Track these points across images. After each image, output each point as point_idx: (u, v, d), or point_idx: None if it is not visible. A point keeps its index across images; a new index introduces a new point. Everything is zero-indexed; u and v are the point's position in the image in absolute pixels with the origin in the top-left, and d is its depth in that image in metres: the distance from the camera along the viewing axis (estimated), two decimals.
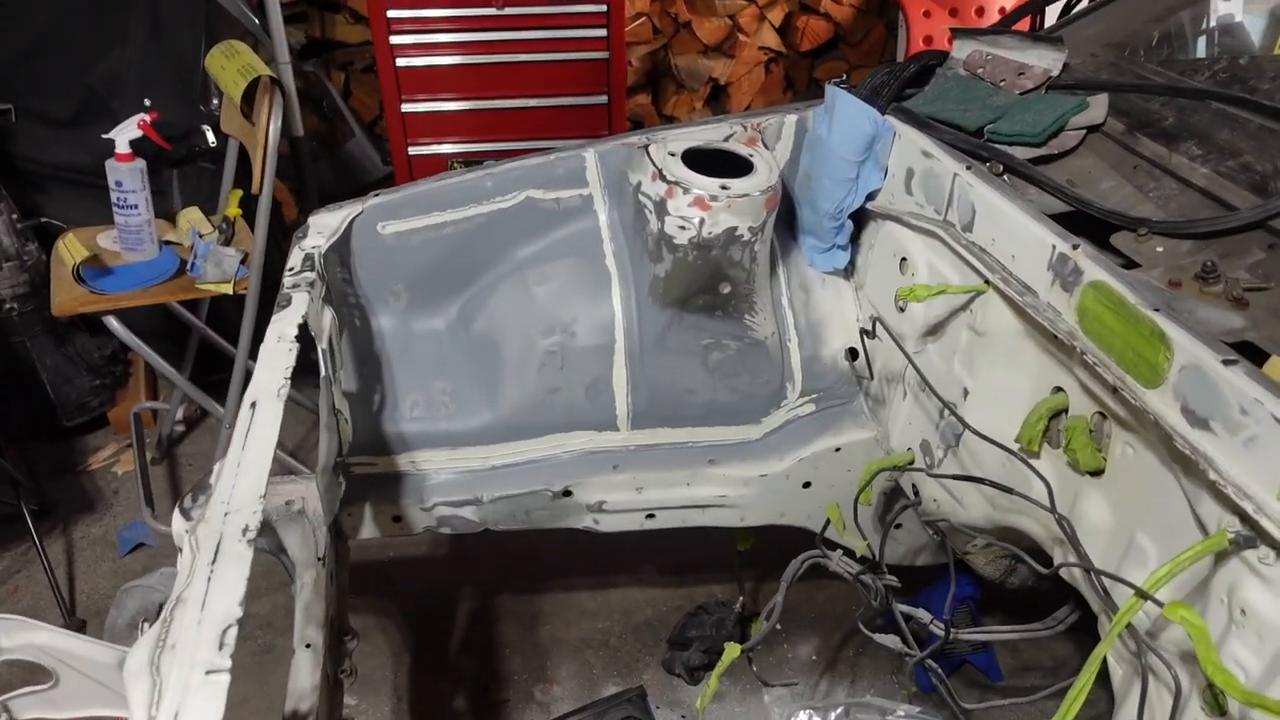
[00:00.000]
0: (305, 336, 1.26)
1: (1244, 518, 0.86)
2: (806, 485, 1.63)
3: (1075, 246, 1.06)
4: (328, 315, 1.41)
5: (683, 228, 1.42)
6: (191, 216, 2.16)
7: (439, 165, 2.75)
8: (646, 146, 1.49)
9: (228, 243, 2.12)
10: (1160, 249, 1.08)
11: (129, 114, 2.14)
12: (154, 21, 2.43)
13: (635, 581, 2.28)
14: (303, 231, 1.49)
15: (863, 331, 1.47)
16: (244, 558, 0.87)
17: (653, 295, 1.51)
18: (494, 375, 1.58)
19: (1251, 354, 0.90)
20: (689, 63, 3.23)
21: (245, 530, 0.90)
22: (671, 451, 1.61)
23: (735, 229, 1.43)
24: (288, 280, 1.36)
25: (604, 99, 2.70)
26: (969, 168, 1.29)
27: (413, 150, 2.70)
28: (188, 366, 2.51)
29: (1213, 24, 1.59)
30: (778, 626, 2.13)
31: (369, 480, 1.58)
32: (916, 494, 1.49)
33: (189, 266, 2.03)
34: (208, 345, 2.41)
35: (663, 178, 1.43)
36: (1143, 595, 0.86)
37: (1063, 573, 1.20)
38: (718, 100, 3.42)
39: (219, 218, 2.22)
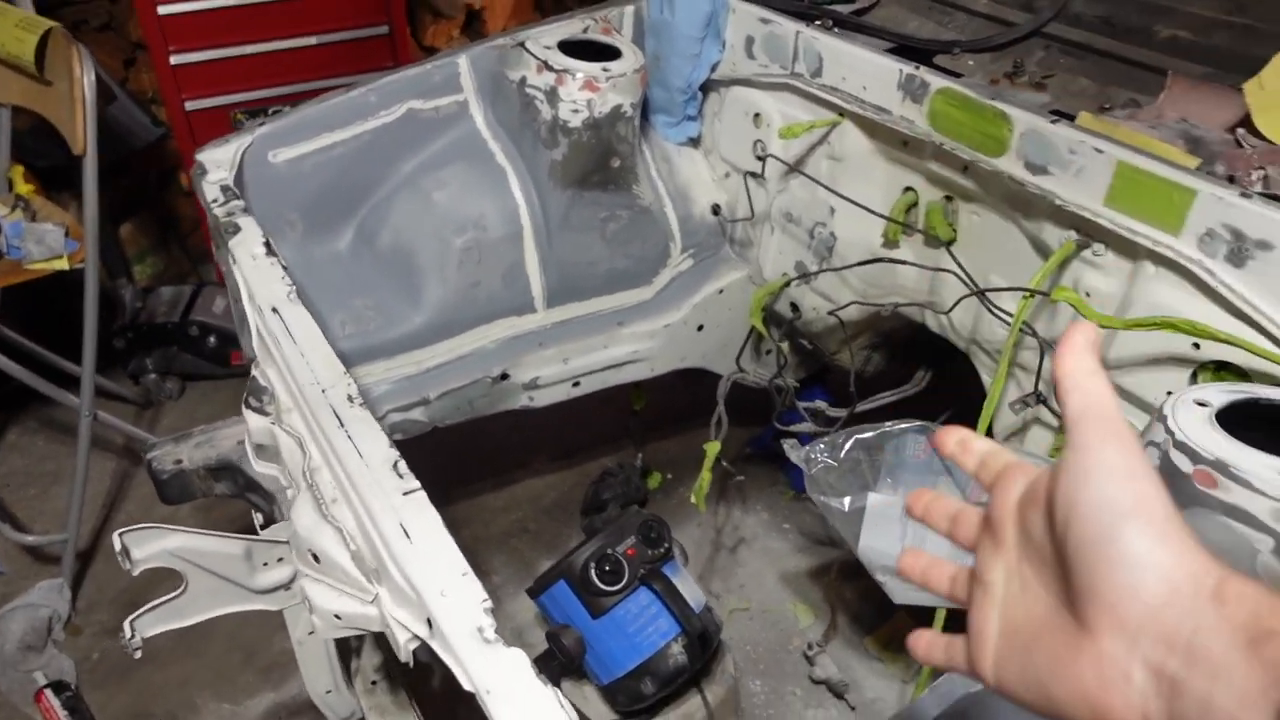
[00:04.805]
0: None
1: (1079, 228, 1.22)
2: (700, 328, 1.88)
3: (918, 67, 1.38)
4: None
5: (575, 111, 1.58)
6: None
7: (220, 118, 2.62)
8: (523, 43, 1.62)
9: (33, 219, 1.95)
10: (971, 62, 1.43)
11: None
12: None
13: (531, 473, 2.45)
14: (200, 169, 1.47)
15: (747, 174, 1.73)
16: (366, 419, 0.97)
17: (552, 179, 1.66)
18: (413, 282, 1.66)
19: (1059, 116, 1.25)
20: None
21: (350, 399, 0.99)
22: (584, 322, 1.79)
23: (620, 106, 1.61)
24: (220, 211, 1.36)
25: (385, 29, 2.70)
26: (808, 25, 1.56)
27: (189, 105, 2.55)
28: None
29: None
30: (669, 475, 2.42)
31: None
32: (796, 309, 1.80)
33: (4, 250, 1.85)
34: None
35: (549, 68, 1.57)
36: (1034, 292, 1.20)
37: (933, 327, 1.56)
38: (472, 26, 3.48)
39: (9, 196, 2.01)
